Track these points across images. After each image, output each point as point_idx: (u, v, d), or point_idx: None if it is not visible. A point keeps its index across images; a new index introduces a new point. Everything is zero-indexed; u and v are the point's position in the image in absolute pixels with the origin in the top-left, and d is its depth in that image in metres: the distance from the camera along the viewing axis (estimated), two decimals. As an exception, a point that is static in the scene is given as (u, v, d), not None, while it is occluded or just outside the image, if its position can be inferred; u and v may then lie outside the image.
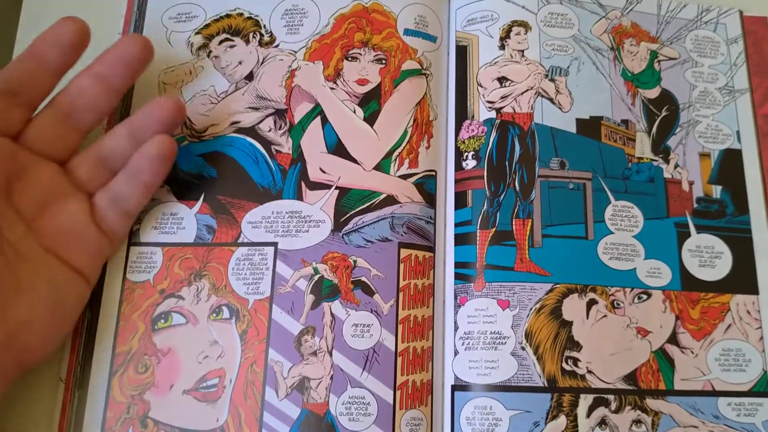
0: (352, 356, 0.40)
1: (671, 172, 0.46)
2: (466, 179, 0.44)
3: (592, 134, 0.46)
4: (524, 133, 0.45)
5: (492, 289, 0.42)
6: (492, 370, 0.40)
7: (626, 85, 0.48)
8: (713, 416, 0.41)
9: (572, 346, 0.41)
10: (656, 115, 0.47)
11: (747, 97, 0.48)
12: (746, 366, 0.42)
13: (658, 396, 0.41)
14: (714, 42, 0.50)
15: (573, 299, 0.42)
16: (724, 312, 0.43)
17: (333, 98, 0.45)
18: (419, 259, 0.42)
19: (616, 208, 0.44)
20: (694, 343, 0.42)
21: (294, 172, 0.44)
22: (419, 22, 0.47)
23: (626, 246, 0.44)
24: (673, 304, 0.43)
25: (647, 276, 0.43)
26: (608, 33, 0.48)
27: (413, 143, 0.45)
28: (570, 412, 0.40)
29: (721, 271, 0.44)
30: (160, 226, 0.43)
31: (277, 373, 0.40)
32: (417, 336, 0.41)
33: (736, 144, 0.47)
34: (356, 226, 0.42)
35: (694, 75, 0.49)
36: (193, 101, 0.46)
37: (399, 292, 0.41)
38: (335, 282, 0.41)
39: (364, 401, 0.39)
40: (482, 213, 0.43)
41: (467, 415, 0.40)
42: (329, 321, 0.41)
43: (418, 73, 0.46)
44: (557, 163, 0.45)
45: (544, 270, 0.42)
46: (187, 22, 0.48)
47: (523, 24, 0.47)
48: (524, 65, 0.46)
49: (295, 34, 0.47)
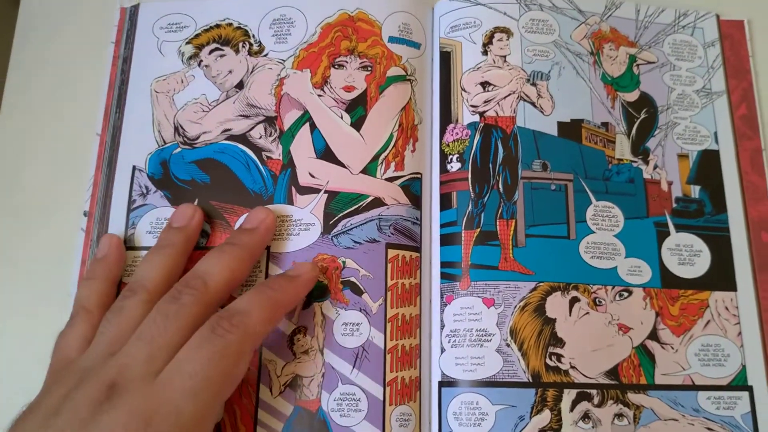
0: (342, 354, 0.41)
1: (651, 173, 0.47)
2: (450, 181, 0.45)
3: (573, 137, 0.46)
4: (507, 136, 0.46)
5: (477, 288, 0.42)
6: (478, 367, 0.41)
7: (606, 88, 0.48)
8: (693, 409, 0.42)
9: (555, 342, 0.42)
10: (635, 117, 0.48)
11: (724, 99, 0.49)
12: (725, 361, 0.43)
13: (640, 390, 0.42)
14: (691, 46, 0.50)
15: (556, 297, 0.43)
16: (703, 308, 0.44)
17: (321, 105, 0.46)
18: (406, 260, 0.43)
19: (597, 208, 0.45)
20: (674, 339, 0.43)
21: (284, 178, 0.45)
22: (403, 29, 0.48)
23: (607, 245, 0.44)
24: (654, 301, 0.44)
25: (628, 274, 0.44)
26: (588, 38, 0.49)
27: (399, 147, 0.45)
28: (554, 406, 0.41)
29: (700, 268, 0.45)
30: (155, 231, 0.44)
31: (270, 372, 0.41)
32: (405, 334, 0.42)
33: (713, 145, 0.48)
34: (345, 228, 0.43)
35: (672, 78, 0.49)
36: (185, 109, 0.47)
37: (387, 291, 0.42)
38: (325, 283, 0.42)
39: (354, 398, 0.40)
40: (467, 214, 0.44)
41: (454, 410, 0.40)
42: (320, 320, 0.41)
43: (402, 79, 0.47)
44: (539, 165, 0.45)
45: (527, 269, 0.43)
46: (178, 32, 0.49)
47: (505, 30, 0.48)
48: (506, 70, 0.47)
49: (283, 43, 0.48)
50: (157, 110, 0.47)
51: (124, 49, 0.49)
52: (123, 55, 0.49)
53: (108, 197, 0.45)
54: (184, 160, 0.46)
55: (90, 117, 0.48)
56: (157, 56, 0.48)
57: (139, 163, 0.46)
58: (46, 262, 0.46)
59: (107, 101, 0.48)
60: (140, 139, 0.46)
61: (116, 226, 0.45)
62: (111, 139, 0.47)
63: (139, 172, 0.46)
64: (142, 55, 0.49)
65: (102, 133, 0.47)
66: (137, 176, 0.46)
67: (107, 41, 0.49)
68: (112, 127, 0.47)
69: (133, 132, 0.47)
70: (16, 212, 0.47)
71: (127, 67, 0.48)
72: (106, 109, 0.48)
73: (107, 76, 0.49)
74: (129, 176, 0.46)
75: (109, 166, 0.46)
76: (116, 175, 0.46)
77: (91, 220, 0.45)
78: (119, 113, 0.47)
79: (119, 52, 0.49)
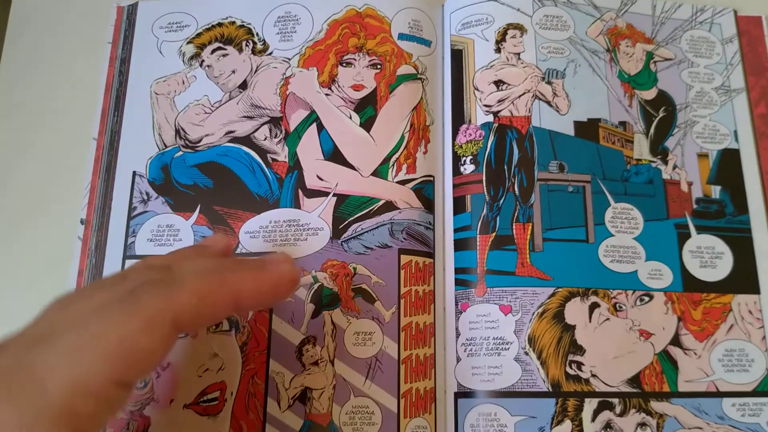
0: (354, 365, 0.40)
1: (670, 173, 0.46)
2: (464, 184, 0.44)
3: (591, 136, 0.46)
4: (522, 136, 0.45)
5: (494, 295, 0.41)
6: (496, 376, 0.40)
7: (623, 86, 0.48)
8: (718, 417, 0.41)
9: (575, 350, 0.41)
10: (653, 116, 0.47)
11: (743, 97, 0.48)
12: (749, 366, 0.42)
13: (663, 398, 0.41)
14: (709, 42, 0.50)
15: (575, 303, 0.42)
16: (726, 312, 0.43)
17: (328, 105, 0.45)
18: (419, 266, 0.42)
19: (616, 210, 0.44)
20: (696, 344, 0.42)
21: (291, 180, 0.44)
22: (413, 26, 0.47)
23: (627, 248, 0.43)
24: (675, 305, 0.43)
25: (648, 278, 0.43)
26: (604, 35, 0.48)
27: (410, 148, 0.44)
28: (575, 416, 0.40)
29: (722, 271, 0.44)
30: (156, 239, 0.43)
31: (278, 384, 0.39)
32: (419, 343, 0.41)
33: (733, 144, 0.47)
34: (355, 233, 0.42)
35: (691, 75, 0.49)
36: (186, 111, 0.46)
37: (400, 299, 0.41)
38: (335, 290, 0.41)
39: (368, 410, 0.39)
40: (482, 218, 0.43)
41: (472, 422, 0.39)
42: (330, 330, 0.40)
43: (413, 78, 0.46)
44: (556, 166, 0.44)
45: (545, 274, 0.42)
46: (179, 31, 0.48)
47: (519, 27, 0.47)
48: (521, 68, 0.46)
49: (289, 41, 0.47)
50: (157, 113, 0.46)
51: (122, 49, 0.48)
52: (121, 56, 0.48)
53: (107, 204, 0.44)
54: (185, 164, 0.45)
55: (86, 120, 0.47)
56: (157, 57, 0.48)
57: (140, 168, 0.45)
58: (40, 272, 0.45)
59: (104, 104, 0.47)
60: (140, 142, 0.46)
61: (116, 234, 0.44)
62: (109, 143, 0.46)
63: (139, 177, 0.45)
64: (141, 56, 0.48)
65: (99, 137, 0.46)
66: (137, 182, 0.45)
67: (103, 41, 0.48)
68: (110, 130, 0.46)
69: (133, 136, 0.46)
70: (9, 221, 0.46)
71: (125, 69, 0.48)
72: (103, 112, 0.47)
73: (104, 77, 0.48)
74: (129, 182, 0.45)
75: (107, 172, 0.45)
76: (115, 181, 0.45)
77: (88, 228, 0.44)
78: (117, 116, 0.46)
79: (117, 53, 0.48)
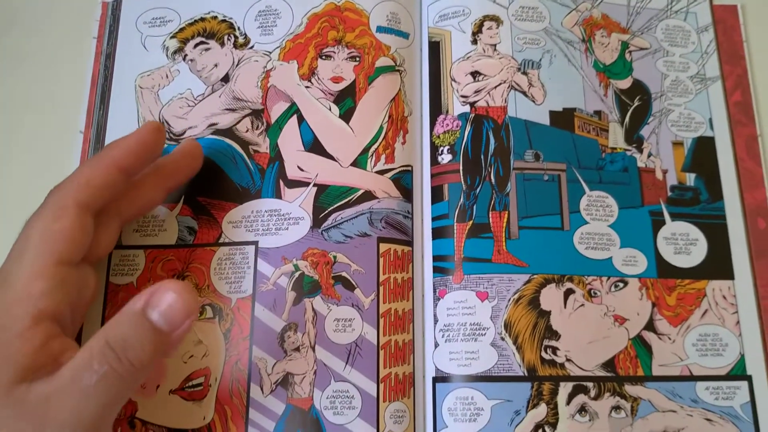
0: (334, 351, 0.40)
1: (645, 161, 0.46)
2: (442, 173, 0.45)
3: (566, 126, 0.46)
4: (498, 126, 0.45)
5: (470, 281, 0.42)
6: (472, 361, 0.40)
7: (598, 76, 0.48)
8: (691, 400, 0.41)
9: (551, 335, 0.41)
10: (629, 105, 0.48)
11: (719, 85, 0.48)
12: (723, 350, 0.42)
13: (637, 382, 0.41)
14: (684, 31, 0.50)
15: (550, 289, 0.42)
16: (700, 298, 0.43)
17: (308, 97, 0.46)
18: (398, 254, 0.43)
19: (591, 198, 0.45)
20: (671, 330, 0.43)
21: (272, 171, 0.44)
22: (391, 19, 0.48)
23: (602, 235, 0.44)
24: (650, 291, 0.43)
25: (623, 264, 0.43)
26: (579, 25, 0.49)
27: (389, 139, 0.45)
28: (550, 400, 0.40)
29: (697, 257, 0.44)
30: (142, 229, 0.43)
31: (261, 370, 0.40)
32: (398, 329, 0.41)
33: (708, 131, 0.47)
34: (335, 222, 0.43)
35: (666, 64, 0.49)
36: (170, 105, 0.46)
37: (379, 286, 0.42)
38: (316, 278, 0.42)
39: (347, 395, 0.40)
40: (459, 206, 0.43)
41: (449, 406, 0.40)
42: (311, 317, 0.41)
43: (391, 70, 0.46)
44: (532, 156, 0.45)
45: (521, 261, 0.42)
46: (162, 26, 0.48)
47: (495, 18, 0.48)
48: (497, 59, 0.47)
49: (269, 35, 0.47)
50: (142, 106, 0.47)
51: (107, 44, 0.49)
52: (106, 51, 0.48)
53: (93, 195, 0.44)
54: (170, 156, 0.45)
55: (73, 114, 0.47)
56: (141, 51, 0.48)
57: (125, 161, 0.45)
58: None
59: (90, 98, 0.47)
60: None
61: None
62: (95, 136, 0.46)
63: (124, 169, 0.45)
64: (126, 51, 0.48)
65: (86, 131, 0.46)
66: (122, 173, 0.45)
67: (89, 36, 0.49)
68: (96, 124, 0.47)
69: (119, 129, 0.46)
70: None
71: (110, 63, 0.48)
72: (89, 106, 0.47)
73: (89, 72, 0.48)
74: (114, 174, 0.45)
75: (93, 164, 0.45)
76: (101, 173, 0.45)
77: (76, 220, 0.44)
78: (103, 110, 0.47)
79: (102, 48, 0.49)
